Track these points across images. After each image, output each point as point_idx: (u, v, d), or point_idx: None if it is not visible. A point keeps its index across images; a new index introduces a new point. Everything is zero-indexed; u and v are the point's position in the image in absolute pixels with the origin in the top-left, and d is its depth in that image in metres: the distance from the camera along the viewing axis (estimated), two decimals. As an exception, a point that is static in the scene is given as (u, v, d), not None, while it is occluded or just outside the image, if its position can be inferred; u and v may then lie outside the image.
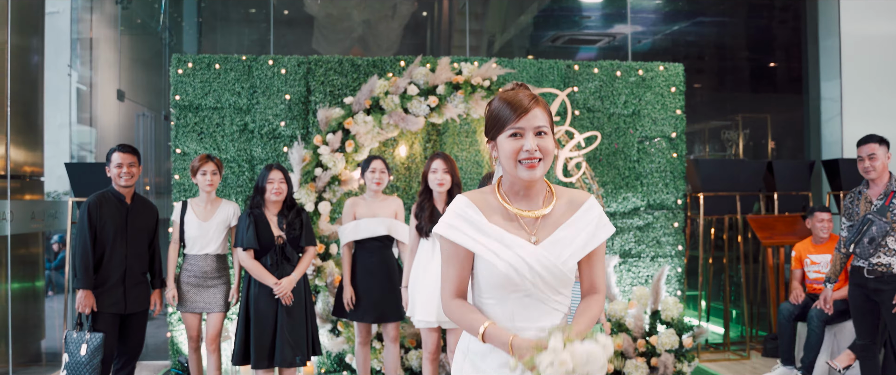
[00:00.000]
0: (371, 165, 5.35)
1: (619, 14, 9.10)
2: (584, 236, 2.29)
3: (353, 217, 5.33)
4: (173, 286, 5.21)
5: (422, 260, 4.96)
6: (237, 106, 6.37)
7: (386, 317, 5.33)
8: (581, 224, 2.30)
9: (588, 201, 2.34)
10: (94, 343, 4.77)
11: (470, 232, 2.25)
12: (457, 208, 2.29)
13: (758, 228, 7.31)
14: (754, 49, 9.55)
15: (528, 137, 2.21)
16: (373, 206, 5.35)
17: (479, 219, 2.26)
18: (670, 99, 6.88)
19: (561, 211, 2.32)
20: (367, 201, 5.38)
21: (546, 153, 2.22)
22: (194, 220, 5.24)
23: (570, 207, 2.33)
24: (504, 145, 2.24)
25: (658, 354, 6.07)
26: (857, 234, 5.11)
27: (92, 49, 8.69)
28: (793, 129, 9.07)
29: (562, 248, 2.27)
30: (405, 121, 6.11)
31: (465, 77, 6.16)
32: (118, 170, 4.95)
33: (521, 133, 2.22)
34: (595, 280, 2.37)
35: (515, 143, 2.22)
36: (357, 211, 5.33)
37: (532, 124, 2.22)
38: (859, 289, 5.20)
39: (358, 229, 5.29)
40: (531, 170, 2.21)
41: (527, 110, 2.21)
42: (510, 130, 2.22)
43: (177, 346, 6.25)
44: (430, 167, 4.97)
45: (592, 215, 2.32)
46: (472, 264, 2.32)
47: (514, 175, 2.26)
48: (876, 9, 7.89)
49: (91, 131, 8.71)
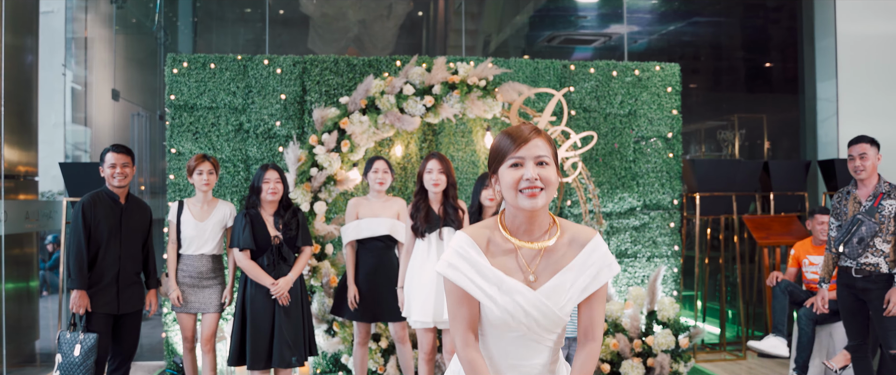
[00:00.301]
0: (374, 165, 5.35)
1: (614, 14, 9.10)
2: (584, 278, 2.26)
3: (355, 217, 5.33)
4: (176, 287, 5.18)
5: (417, 261, 4.96)
6: (232, 106, 6.35)
7: (386, 317, 5.31)
8: (584, 266, 2.27)
9: (593, 240, 2.29)
10: (87, 344, 4.75)
11: (470, 274, 2.23)
12: (458, 246, 2.26)
13: (754, 228, 7.30)
14: (750, 49, 9.55)
15: (528, 167, 2.18)
16: (375, 206, 5.34)
17: (480, 260, 2.24)
18: (666, 99, 6.87)
19: (563, 249, 2.29)
20: (370, 201, 5.38)
21: (548, 183, 2.19)
22: (191, 220, 5.22)
23: (574, 246, 2.29)
24: (505, 175, 2.22)
25: (654, 354, 6.06)
26: (847, 234, 5.12)
27: (86, 48, 8.67)
28: (789, 129, 9.07)
29: (561, 293, 2.25)
30: (401, 121, 6.09)
31: (461, 77, 6.14)
32: (112, 170, 4.93)
33: (521, 163, 2.19)
34: (593, 326, 2.33)
35: (515, 172, 2.19)
36: (360, 211, 5.33)
37: (532, 154, 2.19)
38: (847, 290, 5.21)
39: (360, 229, 5.29)
40: (532, 199, 2.18)
41: (527, 140, 2.19)
42: (511, 161, 2.20)
43: (172, 346, 6.23)
44: (426, 168, 4.96)
45: (596, 256, 2.28)
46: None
47: (515, 206, 2.22)
48: (872, 8, 7.89)
49: (86, 131, 8.68)
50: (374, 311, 5.29)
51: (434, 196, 4.98)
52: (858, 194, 5.18)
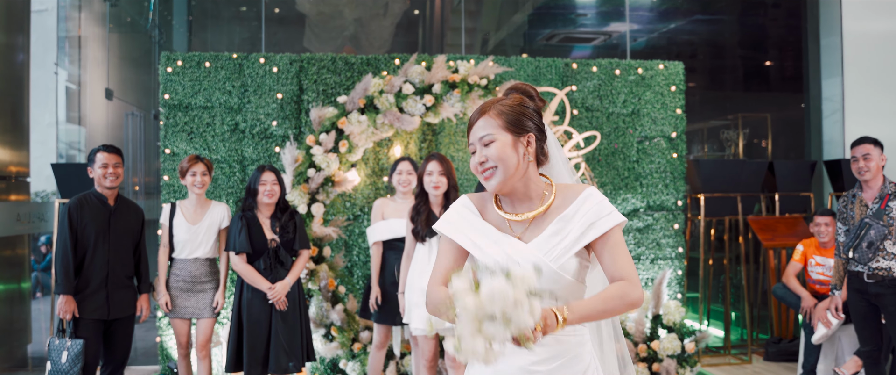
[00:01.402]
0: (398, 166, 5.30)
1: (615, 12, 9.00)
2: (578, 226, 2.12)
3: (381, 217, 5.27)
4: (165, 292, 5.05)
5: (418, 265, 4.84)
6: (228, 105, 6.21)
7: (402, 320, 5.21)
8: (575, 216, 2.14)
9: (585, 191, 2.18)
10: (74, 351, 4.63)
11: (464, 228, 2.23)
12: (457, 205, 2.31)
13: (759, 229, 7.19)
14: (752, 47, 9.45)
15: (477, 151, 2.20)
16: (401, 207, 5.25)
17: (474, 217, 2.25)
18: (670, 98, 6.75)
19: (555, 210, 2.19)
20: (396, 201, 5.32)
21: (498, 160, 2.14)
22: (183, 223, 5.08)
23: (565, 201, 2.18)
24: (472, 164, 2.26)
25: (660, 360, 5.94)
26: (855, 238, 5.02)
27: (80, 47, 8.55)
28: (793, 128, 8.97)
29: (554, 243, 2.12)
30: (400, 120, 5.95)
31: (462, 76, 6.01)
32: (103, 171, 4.80)
33: (473, 149, 2.23)
34: (618, 269, 2.11)
35: (473, 158, 2.22)
36: (385, 211, 5.28)
37: (477, 136, 2.20)
38: (859, 295, 5.11)
39: (386, 229, 5.22)
40: (488, 181, 2.19)
41: (472, 124, 2.23)
42: (470, 149, 2.25)
43: (166, 351, 6.10)
44: (426, 169, 4.84)
45: (590, 205, 2.14)
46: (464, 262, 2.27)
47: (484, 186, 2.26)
48: (879, 6, 7.78)
49: (79, 130, 8.56)
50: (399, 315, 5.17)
51: (435, 199, 4.86)
52: (864, 196, 5.08)
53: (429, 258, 4.79)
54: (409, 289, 4.87)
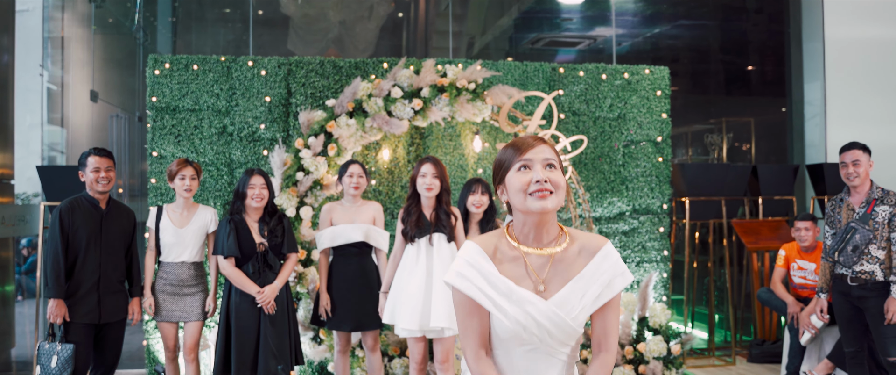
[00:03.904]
0: (349, 169, 5.23)
1: (600, 17, 9.05)
2: (596, 287, 2.18)
3: (329, 223, 5.20)
4: (150, 295, 5.04)
5: (407, 266, 4.83)
6: (216, 108, 6.20)
7: (364, 326, 5.19)
8: (595, 275, 2.18)
9: (604, 247, 2.22)
10: (64, 355, 4.60)
11: (479, 283, 2.15)
12: (467, 255, 2.19)
13: (743, 232, 7.26)
14: (736, 52, 9.53)
15: (536, 169, 2.14)
16: (350, 212, 5.22)
17: (490, 269, 2.16)
18: (656, 102, 6.80)
19: (573, 258, 2.21)
20: (345, 206, 5.25)
21: (557, 186, 2.13)
22: (170, 226, 5.06)
23: (584, 254, 2.21)
24: (512, 180, 2.17)
25: (646, 361, 5.99)
26: (841, 242, 5.09)
27: (63, 48, 8.49)
28: (775, 132, 9.05)
29: (573, 303, 2.16)
30: (389, 124, 5.97)
31: (450, 80, 6.03)
32: (95, 175, 4.77)
33: (529, 165, 2.15)
34: (607, 337, 2.25)
35: (524, 175, 2.14)
36: (334, 217, 5.21)
37: (540, 156, 2.15)
38: (843, 297, 5.18)
39: (334, 236, 5.16)
40: (542, 201, 2.11)
41: (533, 145, 2.16)
42: (518, 164, 2.16)
43: (153, 354, 6.08)
44: (419, 172, 4.84)
45: (608, 264, 2.19)
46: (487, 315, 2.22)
47: (524, 210, 2.16)
48: (860, 12, 7.88)
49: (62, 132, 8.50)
50: (352, 320, 5.17)
51: (427, 201, 4.86)
52: (851, 201, 5.15)
53: (416, 260, 4.79)
54: (396, 290, 4.85)
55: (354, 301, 5.15)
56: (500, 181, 2.23)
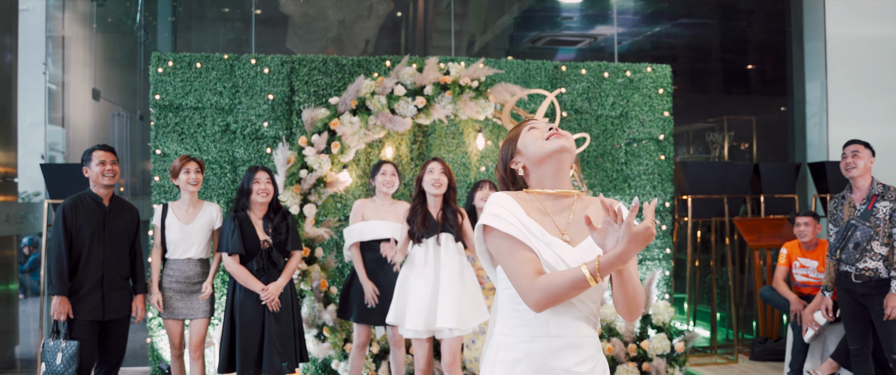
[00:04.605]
0: (382, 168, 5.32)
1: (600, 15, 9.05)
2: None
3: (361, 218, 5.27)
4: (157, 291, 5.03)
5: (414, 267, 4.83)
6: (219, 106, 6.21)
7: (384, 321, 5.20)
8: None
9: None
10: (69, 352, 4.60)
11: (514, 222, 2.14)
12: (498, 200, 2.19)
13: (745, 231, 7.27)
14: (737, 51, 9.53)
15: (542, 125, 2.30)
16: (381, 209, 5.29)
17: (520, 212, 2.16)
18: (658, 101, 6.81)
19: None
20: (377, 204, 5.33)
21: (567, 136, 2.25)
22: (176, 223, 5.05)
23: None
24: (526, 138, 2.28)
25: (650, 359, 5.99)
26: (842, 239, 5.10)
27: (64, 47, 8.48)
28: (777, 131, 9.06)
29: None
30: (392, 122, 5.97)
31: (453, 77, 6.04)
32: (101, 168, 4.77)
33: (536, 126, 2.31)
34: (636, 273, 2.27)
35: (536, 131, 2.27)
36: (365, 212, 5.28)
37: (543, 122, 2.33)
38: (848, 295, 5.18)
39: (363, 231, 5.22)
40: (560, 139, 2.22)
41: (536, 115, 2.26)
42: (527, 128, 2.30)
43: (157, 352, 6.08)
44: (426, 169, 4.84)
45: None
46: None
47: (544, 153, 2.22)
48: (862, 10, 7.89)
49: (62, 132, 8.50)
50: (379, 314, 5.18)
51: (433, 200, 4.85)
52: (853, 197, 5.15)
53: (424, 261, 4.78)
54: (402, 291, 4.85)
55: (382, 296, 5.18)
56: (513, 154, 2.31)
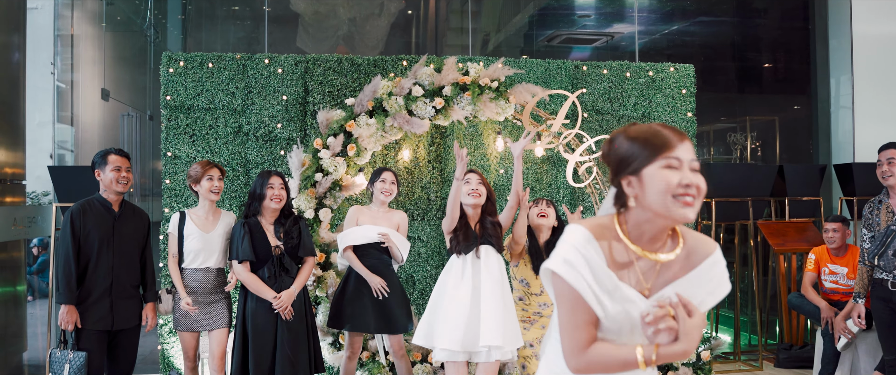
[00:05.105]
0: (382, 175, 5.12)
1: (616, 13, 8.89)
2: (701, 293, 1.98)
3: (355, 224, 5.06)
4: (186, 294, 4.75)
5: (449, 282, 4.51)
6: (231, 107, 6.05)
7: (387, 328, 5.02)
8: (701, 281, 1.98)
9: (714, 254, 2.01)
10: (76, 363, 4.43)
11: (585, 274, 1.90)
12: (577, 242, 1.94)
13: (769, 234, 7.08)
14: (757, 49, 9.34)
15: (684, 170, 1.89)
16: (377, 216, 5.10)
17: (598, 261, 1.92)
18: (681, 101, 6.63)
19: (681, 260, 2.00)
20: (373, 211, 5.13)
21: (701, 192, 1.91)
22: (196, 231, 4.81)
23: (693, 257, 2.00)
24: (656, 177, 1.89)
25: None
26: (881, 246, 4.91)
27: (72, 46, 8.36)
28: (800, 131, 8.87)
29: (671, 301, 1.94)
30: (410, 123, 5.79)
31: (473, 78, 5.86)
32: (116, 174, 4.59)
33: (678, 165, 1.89)
34: None
35: (671, 175, 1.88)
36: (360, 218, 5.08)
37: (688, 157, 1.91)
38: (883, 303, 4.99)
39: (356, 235, 5.02)
40: (687, 208, 1.88)
41: (682, 141, 1.90)
42: (664, 161, 1.89)
43: (168, 359, 5.93)
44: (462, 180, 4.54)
45: (716, 271, 2.00)
46: None
47: (663, 214, 1.90)
48: (889, 7, 7.68)
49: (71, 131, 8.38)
50: (379, 322, 4.99)
51: (472, 212, 4.57)
52: (891, 202, 4.97)
53: (462, 274, 4.47)
54: (433, 309, 4.53)
55: (376, 303, 4.98)
56: (632, 173, 1.94)
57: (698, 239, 2.04)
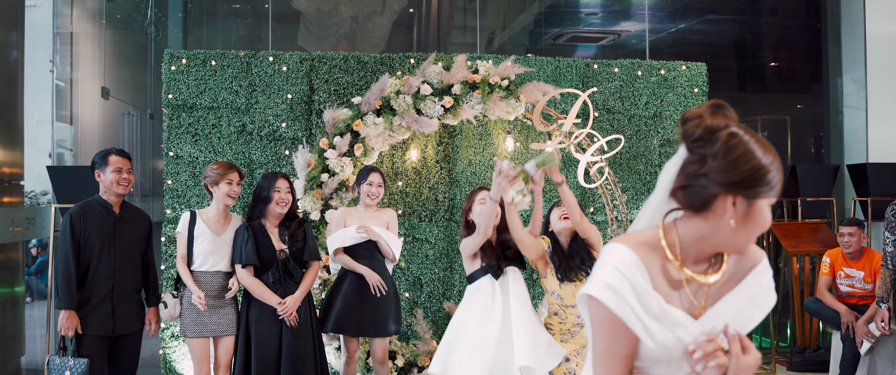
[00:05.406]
0: (369, 177, 4.96)
1: (623, 12, 8.77)
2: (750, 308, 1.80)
3: (343, 226, 4.93)
4: (198, 289, 4.55)
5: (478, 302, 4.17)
6: (234, 106, 5.91)
7: (370, 331, 4.87)
8: (749, 293, 1.81)
9: (761, 263, 1.83)
10: (77, 370, 4.27)
11: (631, 300, 1.70)
12: (619, 263, 1.72)
13: (782, 235, 6.96)
14: (768, 48, 9.23)
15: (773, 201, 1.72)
16: (365, 217, 4.97)
17: (644, 284, 1.72)
18: (693, 100, 6.50)
19: (729, 274, 1.82)
20: (360, 212, 5.01)
21: None
22: (207, 233, 4.62)
23: (739, 268, 1.83)
24: (764, 213, 1.69)
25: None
26: None
27: (72, 44, 8.24)
28: (812, 131, 8.75)
29: (722, 320, 1.77)
30: (418, 122, 5.65)
31: (482, 76, 5.72)
32: (117, 175, 4.44)
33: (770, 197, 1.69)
34: None
35: (767, 214, 1.69)
36: (348, 220, 4.95)
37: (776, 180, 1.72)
38: None
39: (345, 236, 4.88)
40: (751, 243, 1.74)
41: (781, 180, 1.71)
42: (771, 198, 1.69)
43: (170, 364, 5.79)
44: (476, 198, 4.28)
45: (763, 282, 1.82)
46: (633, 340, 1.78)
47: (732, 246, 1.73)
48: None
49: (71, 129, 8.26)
50: (363, 324, 4.84)
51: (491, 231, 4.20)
52: (917, 204, 4.85)
53: (492, 297, 4.15)
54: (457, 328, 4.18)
55: (362, 306, 4.84)
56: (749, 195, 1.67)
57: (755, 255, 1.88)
